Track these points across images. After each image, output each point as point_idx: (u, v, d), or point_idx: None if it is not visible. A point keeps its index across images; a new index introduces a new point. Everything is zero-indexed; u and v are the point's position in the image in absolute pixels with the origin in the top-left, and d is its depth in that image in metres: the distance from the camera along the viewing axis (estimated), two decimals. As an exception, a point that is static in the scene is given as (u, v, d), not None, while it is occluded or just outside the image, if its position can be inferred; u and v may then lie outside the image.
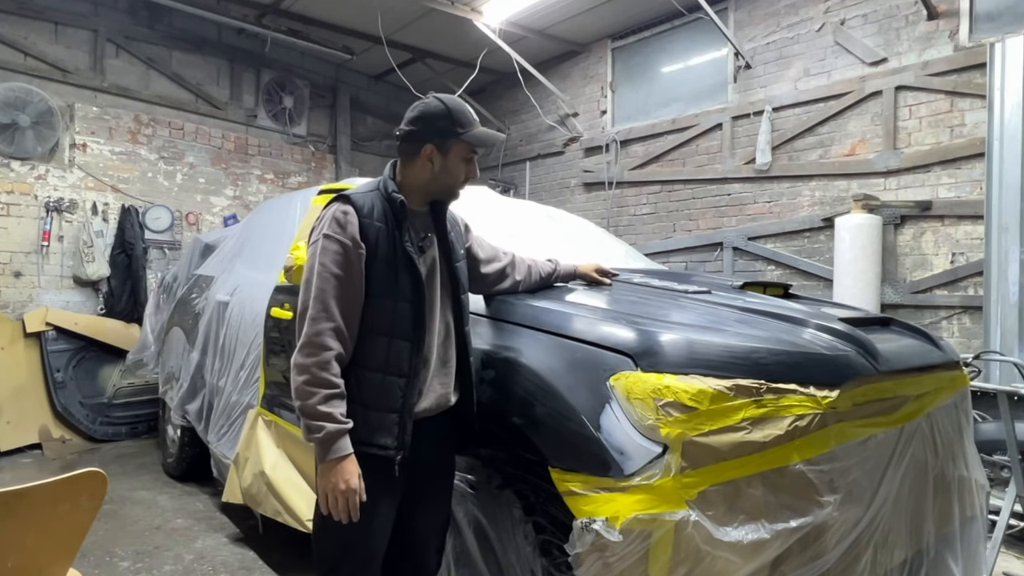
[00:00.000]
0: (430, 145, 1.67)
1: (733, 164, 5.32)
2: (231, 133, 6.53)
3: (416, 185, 1.72)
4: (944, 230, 4.24)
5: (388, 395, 1.62)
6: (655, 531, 1.39)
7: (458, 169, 1.71)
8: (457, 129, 1.67)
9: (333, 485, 1.51)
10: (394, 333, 1.63)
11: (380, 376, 1.62)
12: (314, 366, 1.54)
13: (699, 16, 5.27)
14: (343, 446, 1.52)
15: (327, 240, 1.60)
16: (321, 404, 1.52)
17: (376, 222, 1.64)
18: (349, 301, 1.59)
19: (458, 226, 1.90)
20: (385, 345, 1.62)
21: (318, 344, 1.55)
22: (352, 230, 1.60)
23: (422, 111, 1.69)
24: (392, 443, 1.61)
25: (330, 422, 1.51)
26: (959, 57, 4.14)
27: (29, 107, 5.18)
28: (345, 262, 1.59)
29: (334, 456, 1.51)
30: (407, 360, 1.63)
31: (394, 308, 1.63)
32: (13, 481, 3.55)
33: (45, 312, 5.16)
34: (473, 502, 1.80)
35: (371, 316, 1.62)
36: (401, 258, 1.64)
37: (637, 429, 1.49)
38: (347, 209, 1.63)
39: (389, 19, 5.84)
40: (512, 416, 1.72)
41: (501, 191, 6.47)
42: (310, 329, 1.56)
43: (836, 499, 1.50)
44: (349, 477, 1.51)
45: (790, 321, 1.82)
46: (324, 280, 1.58)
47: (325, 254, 1.59)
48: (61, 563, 1.52)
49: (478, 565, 1.80)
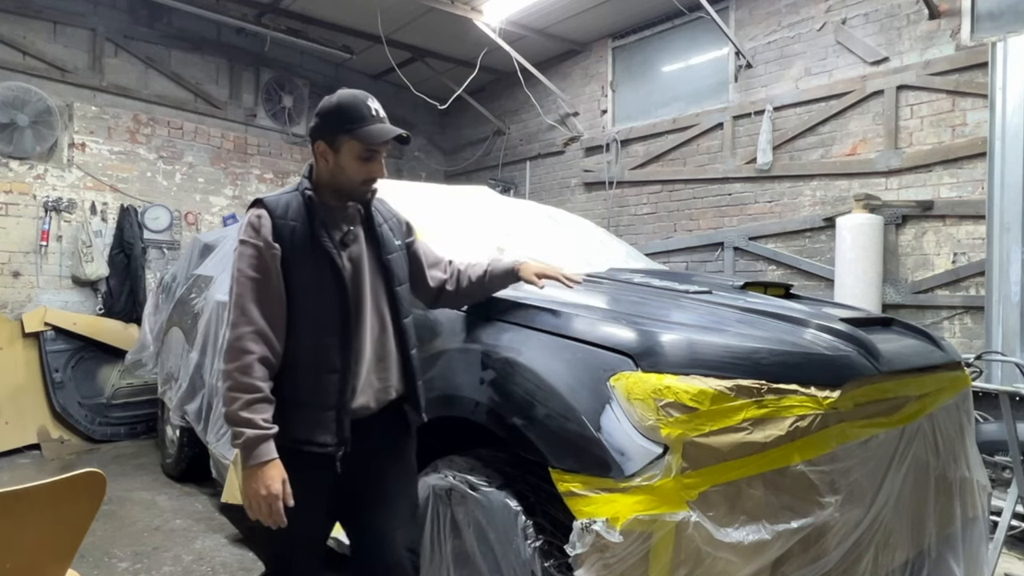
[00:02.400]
0: (321, 142, 1.67)
1: (734, 164, 5.31)
2: (230, 132, 6.52)
3: (323, 183, 1.70)
4: (946, 230, 4.24)
5: (323, 392, 1.61)
6: (656, 532, 1.39)
7: (353, 167, 1.66)
8: (346, 126, 1.63)
9: (255, 491, 1.50)
10: (321, 330, 1.63)
11: (313, 374, 1.61)
12: (235, 371, 1.53)
13: (700, 15, 5.26)
14: (264, 451, 1.51)
15: (243, 245, 1.61)
16: (242, 410, 1.51)
17: (291, 221, 1.63)
18: (270, 302, 1.59)
19: (395, 220, 1.88)
20: (313, 343, 1.62)
21: (238, 349, 1.54)
22: (265, 232, 1.60)
23: (320, 107, 1.68)
24: (331, 440, 1.60)
25: (251, 428, 1.50)
26: (961, 56, 4.13)
27: (28, 106, 5.18)
28: (260, 264, 1.59)
29: (256, 462, 1.50)
30: (338, 356, 1.63)
31: (318, 305, 1.63)
32: (12, 482, 3.54)
33: (44, 312, 5.15)
34: (473, 503, 1.79)
35: (297, 315, 1.62)
36: (320, 255, 1.63)
37: (638, 430, 1.48)
38: (260, 212, 1.63)
39: (389, 18, 5.83)
40: (512, 416, 1.71)
41: (501, 191, 6.46)
42: (231, 335, 1.56)
43: (837, 500, 1.49)
44: (271, 483, 1.50)
45: (791, 321, 1.82)
46: (242, 285, 1.58)
47: (241, 259, 1.60)
48: (60, 564, 1.51)
49: (478, 566, 1.79)
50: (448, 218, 2.85)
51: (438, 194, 3.17)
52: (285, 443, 1.55)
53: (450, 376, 1.98)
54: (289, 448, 1.56)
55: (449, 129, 8.37)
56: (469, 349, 1.96)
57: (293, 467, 1.55)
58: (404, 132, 1.68)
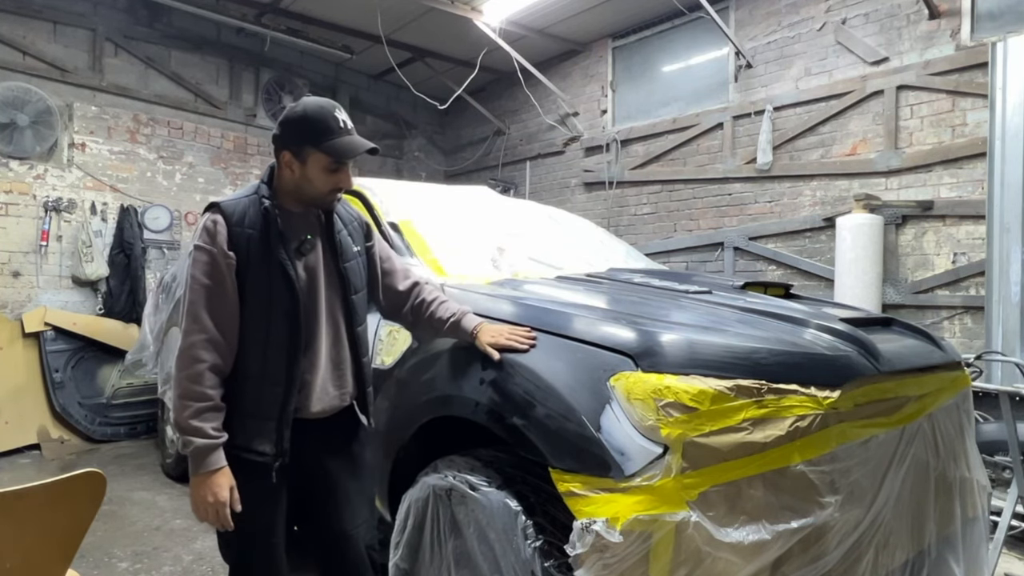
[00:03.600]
0: (287, 152, 1.63)
1: (734, 164, 5.31)
2: (230, 132, 6.52)
3: (286, 190, 1.67)
4: (946, 230, 4.24)
5: (265, 403, 1.61)
6: (656, 532, 1.38)
7: (320, 179, 1.63)
8: (313, 138, 1.60)
9: (202, 498, 1.53)
10: (270, 341, 1.61)
11: (257, 384, 1.61)
12: (186, 379, 1.53)
13: (700, 15, 5.26)
14: (213, 460, 1.53)
15: (197, 251, 1.59)
16: (192, 418, 1.52)
17: (248, 229, 1.60)
18: (222, 311, 1.58)
19: (356, 224, 1.84)
20: (261, 354, 1.61)
21: (190, 357, 1.54)
22: (221, 240, 1.58)
23: (285, 115, 1.64)
24: (270, 450, 1.62)
25: (200, 437, 1.52)
26: (961, 56, 4.13)
27: (28, 106, 5.18)
28: (214, 272, 1.57)
29: (204, 470, 1.52)
30: (284, 368, 1.62)
31: (269, 315, 1.61)
32: (12, 482, 3.54)
33: (44, 312, 5.15)
34: (473, 502, 1.80)
35: (247, 324, 1.61)
36: (275, 264, 1.61)
37: (638, 430, 1.48)
38: (216, 218, 1.60)
39: (389, 18, 5.83)
40: (512, 416, 1.71)
41: (501, 191, 6.46)
42: (183, 342, 1.56)
43: (837, 500, 1.49)
44: (218, 490, 1.52)
45: (791, 321, 1.82)
46: (195, 292, 1.57)
47: (196, 265, 1.58)
48: (60, 564, 1.51)
49: (478, 566, 1.79)
50: (448, 218, 2.85)
51: (438, 194, 3.17)
52: (227, 448, 1.57)
53: (450, 376, 1.98)
54: (230, 454, 1.58)
55: (449, 129, 8.37)
56: (469, 349, 1.96)
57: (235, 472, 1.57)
58: (374, 146, 1.67)
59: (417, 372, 2.11)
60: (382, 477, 2.26)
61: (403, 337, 2.24)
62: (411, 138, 8.09)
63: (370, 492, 1.87)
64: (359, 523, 1.79)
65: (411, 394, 2.11)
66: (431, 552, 1.95)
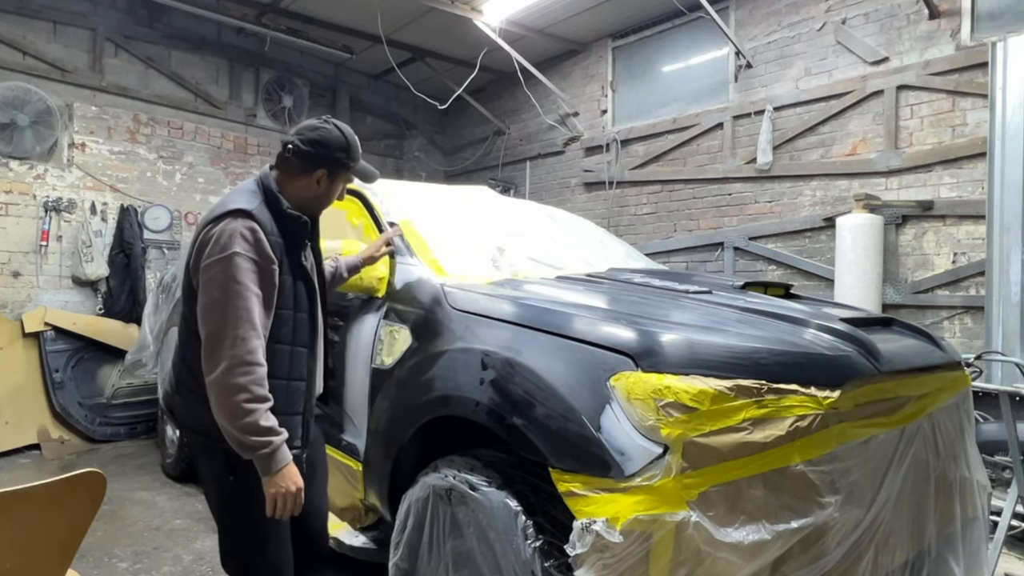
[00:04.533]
0: (322, 170, 1.76)
1: (734, 164, 5.31)
2: (230, 133, 6.52)
3: (294, 198, 1.77)
4: (946, 230, 4.24)
5: (293, 399, 1.72)
6: (656, 532, 1.38)
7: (334, 195, 1.84)
8: (350, 163, 1.81)
9: (286, 490, 1.59)
10: (295, 341, 1.73)
11: (284, 383, 1.71)
12: (252, 384, 1.56)
13: (700, 15, 5.26)
14: (287, 454, 1.61)
15: (238, 257, 1.59)
16: (263, 420, 1.56)
17: (275, 237, 1.68)
18: (264, 317, 1.64)
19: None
20: (288, 353, 1.72)
21: (252, 362, 1.56)
22: (265, 248, 1.63)
23: (324, 137, 1.76)
24: (298, 443, 1.73)
25: (275, 435, 1.58)
26: (961, 56, 4.13)
27: (28, 106, 5.17)
28: (263, 280, 1.63)
29: (282, 464, 1.59)
30: (305, 365, 1.76)
31: (293, 318, 1.73)
32: (12, 482, 3.54)
33: (44, 312, 5.15)
34: (473, 502, 1.80)
35: (275, 327, 1.69)
36: (299, 271, 1.74)
37: (638, 430, 1.48)
38: (254, 227, 1.63)
39: (389, 18, 5.83)
40: (512, 416, 1.71)
41: (501, 191, 6.47)
42: (242, 348, 1.55)
43: (837, 500, 1.49)
44: (297, 478, 1.62)
45: (791, 321, 1.82)
46: (246, 299, 1.58)
47: (241, 272, 1.58)
48: (60, 564, 1.51)
49: (478, 566, 1.79)
50: (448, 218, 2.85)
51: (438, 194, 3.17)
52: None
53: (450, 376, 1.98)
54: None
55: (449, 129, 8.37)
56: (469, 349, 1.96)
57: None
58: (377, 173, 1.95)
59: (417, 372, 2.11)
60: (382, 477, 2.26)
61: (403, 337, 2.24)
62: (411, 138, 8.09)
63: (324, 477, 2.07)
64: (322, 495, 1.99)
65: (411, 394, 2.11)
66: (431, 552, 1.95)
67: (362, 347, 2.42)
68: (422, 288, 2.30)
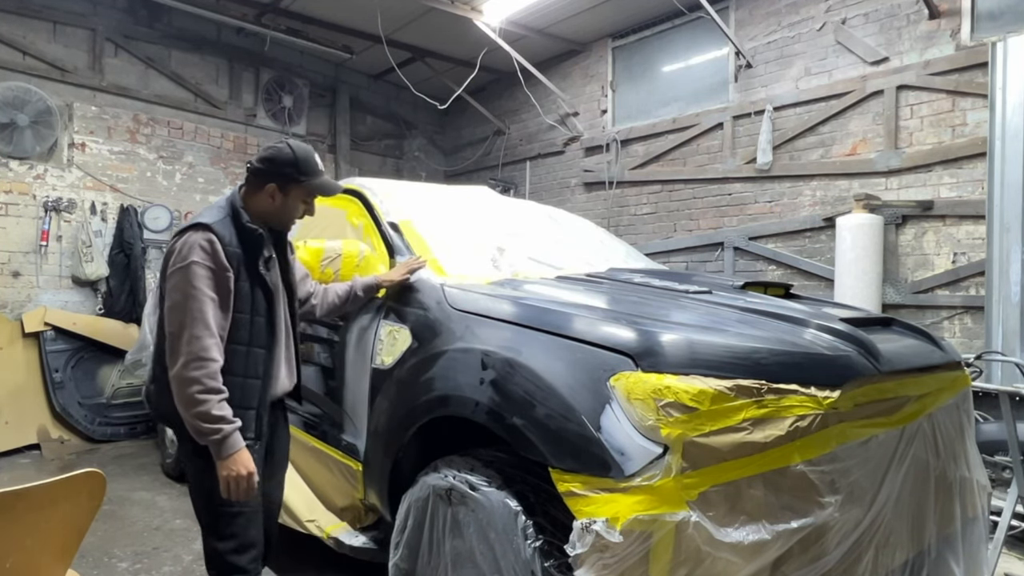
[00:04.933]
0: (272, 185, 1.93)
1: (734, 164, 5.31)
2: (230, 132, 6.52)
3: (258, 212, 1.95)
4: (946, 230, 4.24)
5: (247, 395, 1.88)
6: (656, 532, 1.38)
7: (295, 208, 1.98)
8: (300, 177, 1.93)
9: (237, 474, 1.75)
10: (252, 343, 1.90)
11: (241, 380, 1.87)
12: (204, 377, 1.74)
13: (700, 15, 5.26)
14: (237, 441, 1.77)
15: (196, 266, 1.79)
16: (215, 409, 1.74)
17: (235, 248, 1.86)
18: (222, 319, 1.83)
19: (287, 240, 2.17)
20: (244, 353, 1.88)
21: (206, 358, 1.75)
22: (220, 258, 1.82)
23: (274, 155, 1.94)
24: (251, 435, 1.88)
25: (226, 423, 1.75)
26: (961, 56, 4.13)
27: (28, 106, 5.17)
28: (216, 285, 1.81)
29: (233, 451, 1.76)
30: (262, 364, 1.92)
31: (251, 322, 1.90)
32: (12, 482, 3.54)
33: (44, 312, 5.15)
34: (473, 502, 1.80)
35: (233, 329, 1.87)
36: (256, 279, 1.90)
37: (638, 430, 1.48)
38: (211, 238, 1.83)
39: (389, 18, 5.83)
40: (512, 416, 1.71)
41: (501, 191, 6.46)
42: (196, 346, 1.75)
43: (837, 500, 1.49)
44: (247, 462, 1.77)
45: (791, 321, 1.82)
46: (201, 302, 1.78)
47: (198, 279, 1.79)
48: (60, 563, 1.51)
49: (478, 566, 1.79)
50: (448, 218, 2.85)
51: (438, 194, 3.17)
52: None
53: (450, 376, 1.98)
54: None
55: (449, 129, 8.37)
56: (469, 349, 1.96)
57: None
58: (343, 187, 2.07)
59: (417, 372, 2.11)
60: (382, 477, 2.26)
61: (403, 337, 2.24)
62: (411, 138, 8.09)
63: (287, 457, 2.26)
64: (277, 482, 2.16)
65: (411, 394, 2.11)
66: (431, 552, 1.95)
67: (362, 347, 2.42)
68: (422, 288, 2.30)
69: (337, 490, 2.58)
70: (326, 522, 2.58)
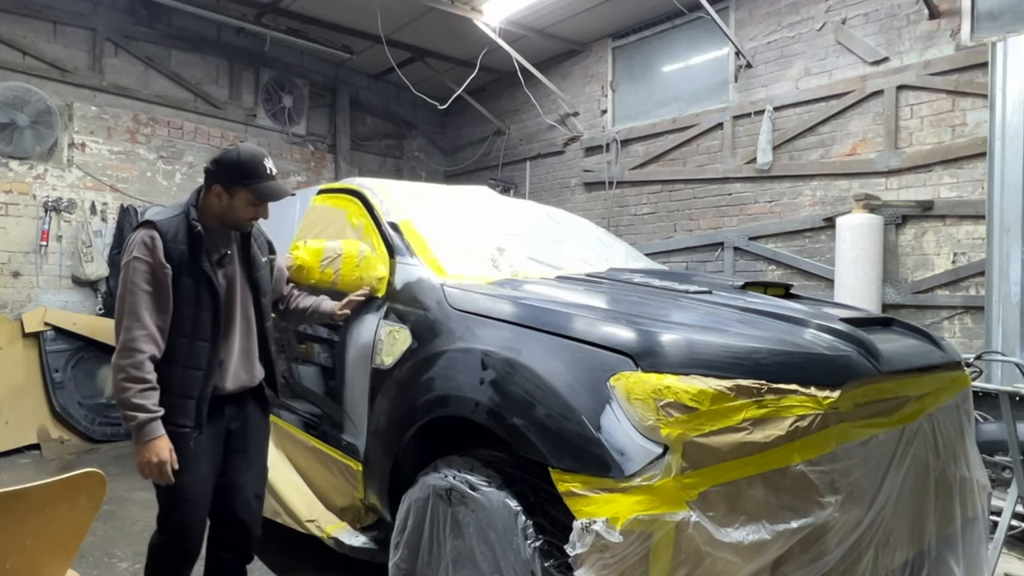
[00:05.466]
0: (218, 186, 2.01)
1: (734, 164, 5.31)
2: (230, 132, 6.52)
3: (210, 212, 2.04)
4: (946, 230, 4.24)
5: (188, 385, 1.97)
6: (656, 532, 1.38)
7: (243, 211, 2.04)
8: (244, 180, 1.99)
9: (148, 460, 1.87)
10: (195, 335, 1.99)
11: (182, 370, 1.97)
12: (129, 366, 1.86)
13: (700, 15, 5.26)
14: (153, 429, 1.87)
15: (136, 261, 1.92)
16: (135, 397, 1.86)
17: (179, 245, 1.96)
18: (158, 311, 1.93)
19: (263, 239, 2.25)
20: (187, 345, 1.98)
21: (132, 348, 1.87)
22: (159, 253, 1.92)
23: (220, 158, 2.03)
24: (190, 423, 1.98)
25: (142, 412, 1.86)
26: (961, 56, 4.13)
27: (28, 106, 5.17)
28: (153, 280, 1.92)
29: (147, 438, 1.86)
30: (205, 356, 1.99)
31: (196, 316, 1.98)
32: (11, 482, 3.54)
33: (44, 312, 5.15)
34: (473, 502, 1.80)
35: (177, 323, 1.96)
36: (200, 275, 1.98)
37: (638, 430, 1.48)
38: (153, 235, 1.93)
39: (389, 18, 5.83)
40: (512, 416, 1.71)
41: (501, 191, 6.46)
42: (125, 336, 1.88)
43: (837, 500, 1.49)
44: (160, 452, 1.87)
45: (791, 321, 1.82)
46: (137, 296, 1.90)
47: (136, 274, 1.91)
48: (60, 564, 1.51)
49: (478, 566, 1.79)
50: (448, 218, 2.85)
51: (438, 194, 3.17)
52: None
53: (450, 376, 1.98)
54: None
55: (449, 129, 8.37)
56: (469, 349, 1.96)
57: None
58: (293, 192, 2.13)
59: (416, 372, 2.11)
60: (382, 477, 2.26)
61: (403, 337, 2.24)
62: (411, 138, 8.09)
63: (266, 450, 2.30)
64: (251, 477, 2.21)
65: (411, 394, 2.11)
66: (431, 552, 1.95)
67: (362, 347, 2.42)
68: (422, 288, 2.30)
69: (337, 490, 2.58)
70: (326, 522, 2.58)
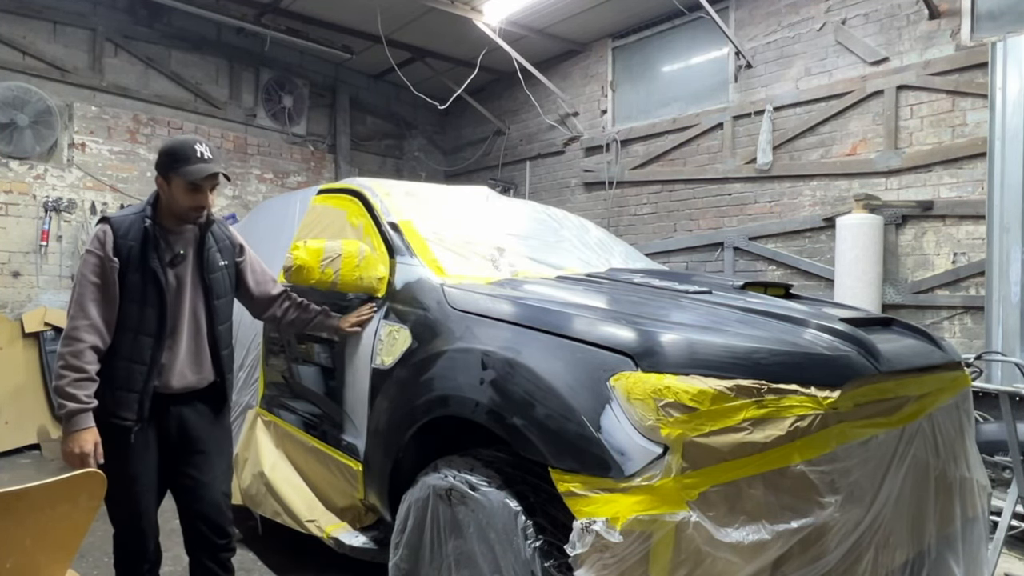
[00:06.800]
0: (160, 178, 2.07)
1: (734, 164, 5.31)
2: (230, 132, 6.52)
3: (165, 210, 2.09)
4: (945, 230, 4.24)
5: (131, 378, 2.01)
6: (656, 532, 1.38)
7: (182, 198, 2.05)
8: (174, 166, 2.03)
9: (71, 450, 1.90)
10: (140, 330, 2.02)
11: (126, 363, 2.01)
12: (69, 355, 1.91)
13: (700, 15, 5.26)
14: (81, 421, 1.90)
15: (88, 255, 2.00)
16: (69, 386, 1.89)
17: (130, 241, 2.01)
18: (104, 303, 1.98)
19: (227, 242, 2.28)
20: (132, 339, 2.01)
21: (73, 337, 1.93)
22: (108, 248, 1.98)
23: (159, 149, 2.09)
24: (132, 416, 2.01)
25: (73, 401, 1.89)
26: (960, 56, 4.13)
27: (28, 106, 5.17)
28: (101, 272, 1.98)
29: (74, 428, 1.90)
30: (149, 352, 2.03)
31: (141, 311, 2.02)
32: (12, 481, 3.54)
33: (44, 312, 5.16)
34: (473, 502, 1.80)
35: (123, 317, 2.01)
36: (148, 272, 2.02)
37: (638, 430, 1.48)
38: (106, 229, 2.01)
39: (389, 18, 5.83)
40: (512, 417, 1.71)
41: (501, 191, 6.46)
42: (69, 325, 1.95)
43: (837, 500, 1.49)
44: (84, 444, 1.89)
45: (791, 321, 1.81)
46: (84, 287, 1.97)
47: (86, 266, 1.98)
48: (59, 563, 1.51)
49: (478, 566, 1.79)
50: (448, 218, 2.85)
51: (438, 194, 3.16)
52: (99, 415, 1.94)
53: (450, 376, 1.98)
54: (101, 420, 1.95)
55: (449, 129, 8.37)
56: (469, 349, 1.96)
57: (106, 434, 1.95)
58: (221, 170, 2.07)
59: (417, 372, 2.11)
60: (382, 477, 2.26)
61: (403, 337, 2.24)
62: (411, 138, 8.09)
63: (228, 453, 2.34)
64: (217, 474, 2.22)
65: (411, 394, 2.11)
66: (431, 552, 1.95)
67: (362, 347, 2.42)
68: (422, 288, 2.30)
69: (337, 490, 2.58)
70: (326, 522, 2.58)
